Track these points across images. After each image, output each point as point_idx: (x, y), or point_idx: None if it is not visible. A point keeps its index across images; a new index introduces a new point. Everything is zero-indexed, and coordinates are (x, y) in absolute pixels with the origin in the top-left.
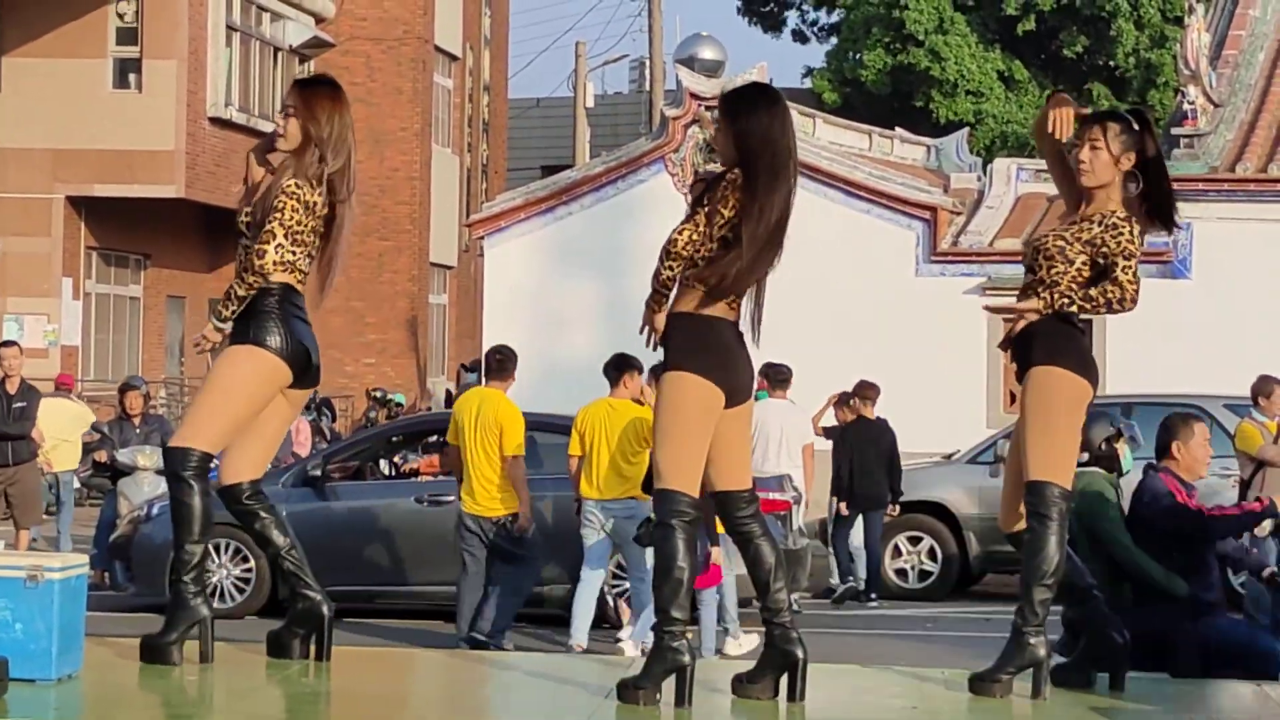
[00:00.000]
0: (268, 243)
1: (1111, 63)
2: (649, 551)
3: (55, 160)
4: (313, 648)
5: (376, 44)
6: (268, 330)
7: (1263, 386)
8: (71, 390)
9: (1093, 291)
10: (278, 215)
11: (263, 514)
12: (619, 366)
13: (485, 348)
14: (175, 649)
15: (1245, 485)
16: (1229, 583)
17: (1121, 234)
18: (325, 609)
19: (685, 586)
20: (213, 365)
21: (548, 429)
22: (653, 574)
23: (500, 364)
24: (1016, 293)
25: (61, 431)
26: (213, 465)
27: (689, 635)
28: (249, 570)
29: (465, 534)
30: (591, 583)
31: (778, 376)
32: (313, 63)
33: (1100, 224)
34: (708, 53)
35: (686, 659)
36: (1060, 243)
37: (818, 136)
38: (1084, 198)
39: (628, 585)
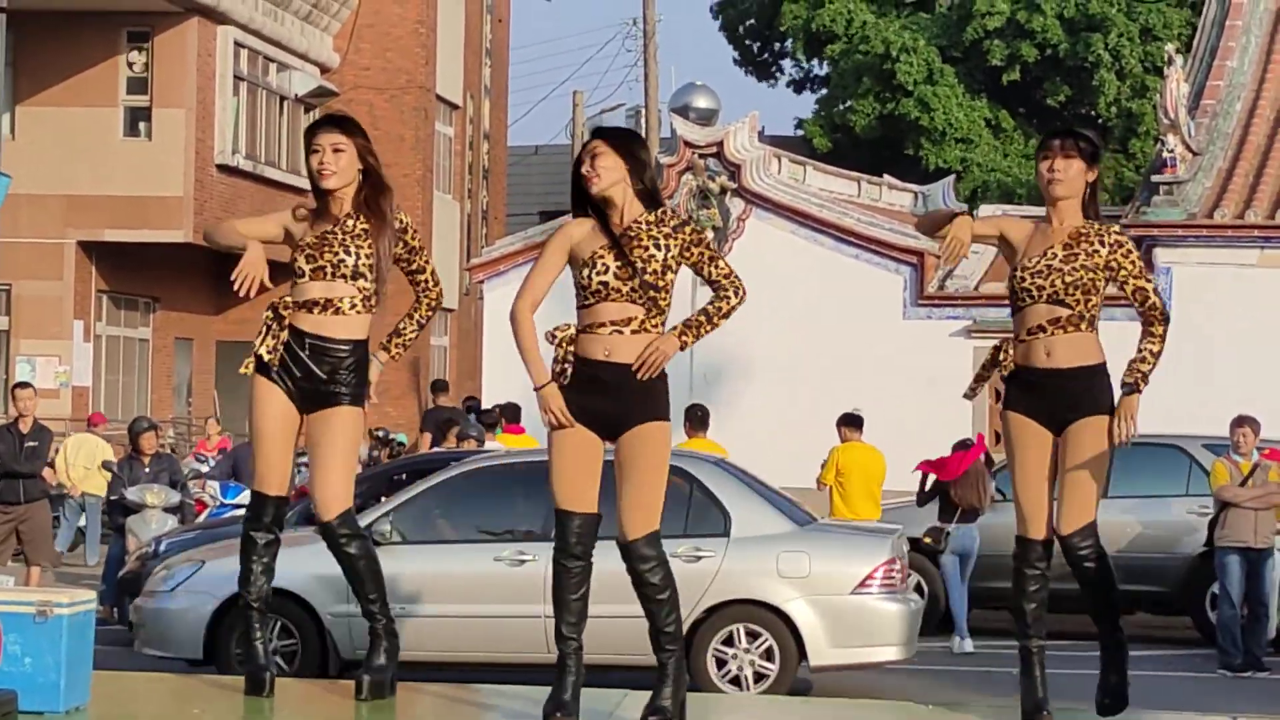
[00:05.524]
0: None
1: (1094, 112)
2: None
3: (67, 206)
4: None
5: (379, 93)
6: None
7: (1234, 426)
8: (97, 426)
9: (1154, 348)
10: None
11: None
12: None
13: (485, 389)
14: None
15: (1211, 524)
16: None
17: (1130, 253)
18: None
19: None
20: (337, 425)
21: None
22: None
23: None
24: (1038, 329)
25: (91, 460)
26: (214, 496)
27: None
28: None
29: None
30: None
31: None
32: (317, 111)
33: (1104, 245)
34: (702, 101)
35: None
36: (1089, 275)
37: (808, 183)
38: (1051, 211)
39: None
